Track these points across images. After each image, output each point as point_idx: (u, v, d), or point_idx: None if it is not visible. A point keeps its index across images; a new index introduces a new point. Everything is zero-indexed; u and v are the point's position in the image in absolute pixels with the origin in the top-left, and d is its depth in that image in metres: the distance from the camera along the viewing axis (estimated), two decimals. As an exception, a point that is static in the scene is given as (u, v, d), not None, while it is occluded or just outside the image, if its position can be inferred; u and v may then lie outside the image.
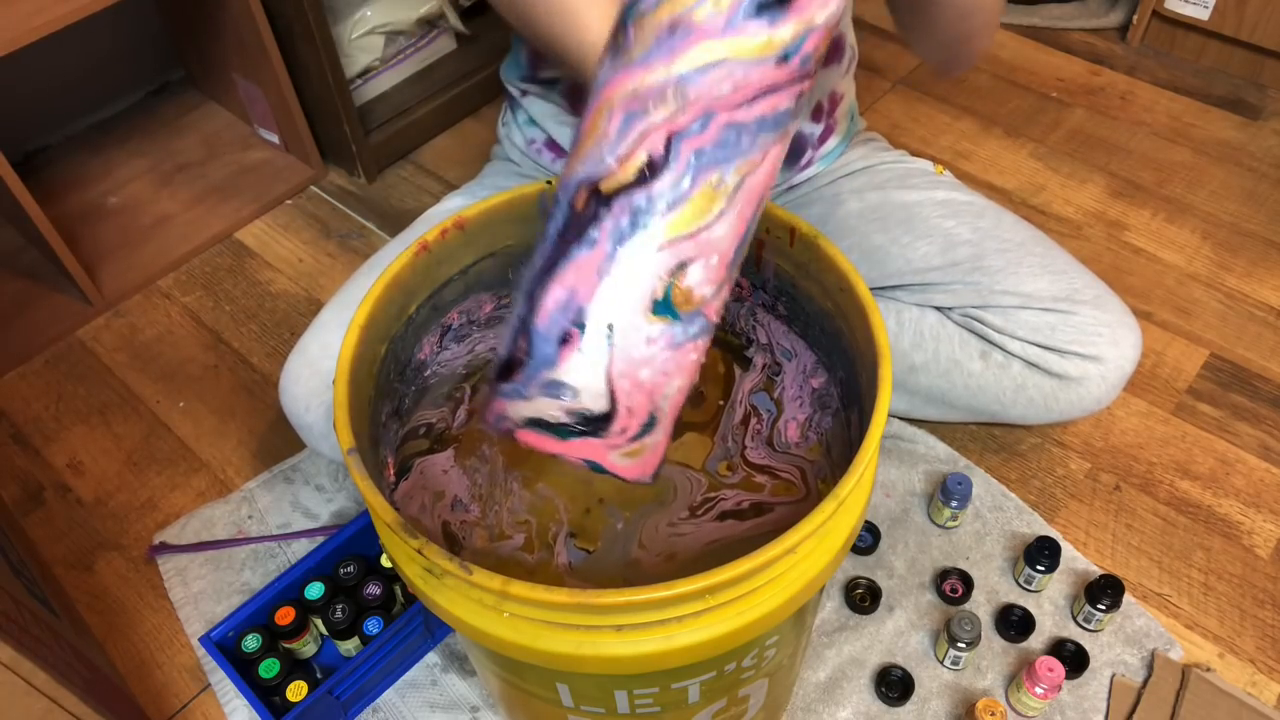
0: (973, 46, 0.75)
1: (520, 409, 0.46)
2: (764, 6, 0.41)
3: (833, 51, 0.89)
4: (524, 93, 0.93)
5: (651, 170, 0.43)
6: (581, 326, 0.44)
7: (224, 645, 0.82)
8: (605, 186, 0.44)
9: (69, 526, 0.99)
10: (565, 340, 0.45)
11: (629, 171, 0.43)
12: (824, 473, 0.61)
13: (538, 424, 0.46)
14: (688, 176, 0.43)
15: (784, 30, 0.42)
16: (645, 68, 0.43)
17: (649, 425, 0.47)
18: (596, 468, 0.47)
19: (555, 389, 0.45)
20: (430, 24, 1.41)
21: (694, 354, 0.47)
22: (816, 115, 0.93)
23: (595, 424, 0.46)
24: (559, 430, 0.46)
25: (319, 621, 0.84)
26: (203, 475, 1.02)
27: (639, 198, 0.43)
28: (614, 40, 0.44)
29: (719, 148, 0.43)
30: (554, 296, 0.45)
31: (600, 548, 0.58)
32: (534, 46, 0.83)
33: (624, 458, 0.47)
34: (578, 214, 0.44)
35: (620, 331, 0.44)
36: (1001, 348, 0.87)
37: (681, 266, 0.44)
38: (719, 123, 0.42)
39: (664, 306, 0.45)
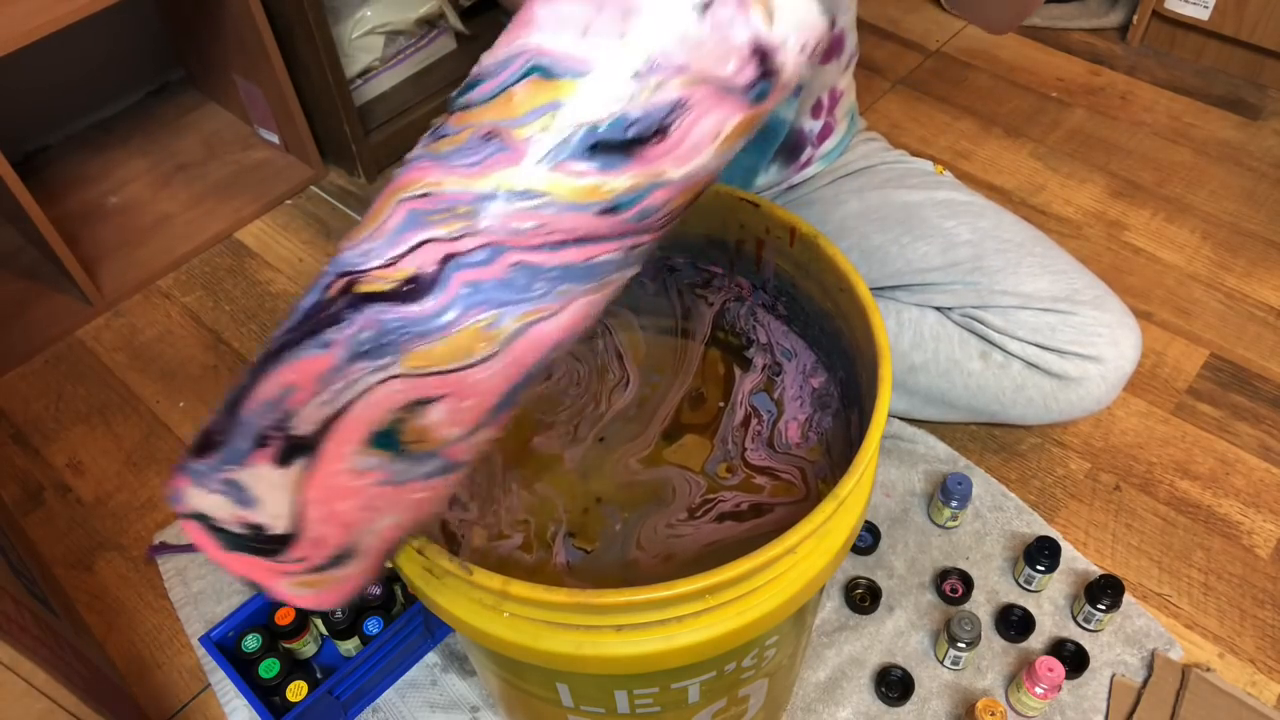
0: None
1: (196, 497, 0.39)
2: (599, 148, 0.35)
3: (832, 48, 0.89)
4: None
5: (415, 288, 0.37)
6: (283, 433, 0.38)
7: (224, 645, 0.82)
8: (360, 288, 0.38)
9: (69, 526, 0.99)
10: (263, 442, 0.38)
11: (390, 280, 0.37)
12: (824, 473, 0.61)
13: (207, 521, 0.39)
14: (454, 309, 0.37)
15: (619, 180, 0.36)
16: (447, 169, 0.37)
17: (340, 559, 0.40)
18: (257, 588, 0.41)
19: (235, 491, 0.38)
20: (430, 24, 1.41)
21: (421, 493, 0.41)
22: (816, 111, 0.93)
23: (270, 544, 0.39)
24: (226, 537, 0.39)
25: (319, 621, 0.84)
26: (203, 475, 1.02)
27: (391, 315, 0.37)
28: (439, 120, 0.39)
29: (502, 287, 0.37)
30: (269, 387, 0.38)
31: (599, 548, 0.58)
32: None
33: (297, 586, 0.40)
34: (324, 305, 0.38)
35: (325, 455, 0.38)
36: (1001, 348, 0.87)
37: (421, 403, 0.38)
38: (509, 260, 0.36)
39: (387, 440, 0.38)
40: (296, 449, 0.38)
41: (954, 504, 0.89)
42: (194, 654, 0.88)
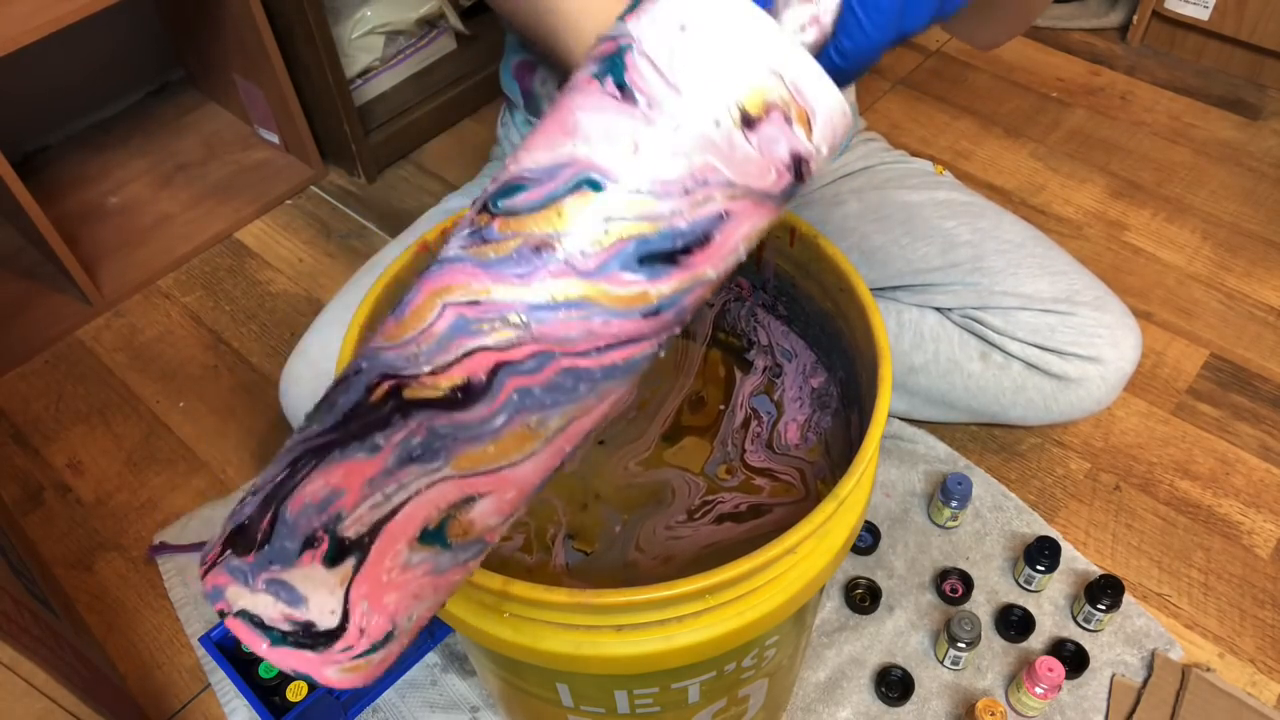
0: (1036, 12, 0.71)
1: (239, 595, 0.39)
2: (649, 259, 0.37)
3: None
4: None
5: (466, 396, 0.37)
6: (332, 535, 0.38)
7: (224, 645, 0.82)
8: (409, 393, 0.38)
9: (69, 526, 0.99)
10: (310, 542, 0.38)
11: (440, 387, 0.37)
12: (824, 473, 0.61)
13: (252, 619, 0.39)
14: (504, 414, 0.38)
15: (664, 286, 0.37)
16: (495, 278, 0.37)
17: (381, 644, 0.41)
18: (306, 678, 0.41)
19: (283, 591, 0.38)
20: (430, 24, 1.41)
21: (459, 575, 0.41)
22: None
23: (317, 639, 0.39)
24: (272, 634, 0.39)
25: (319, 621, 0.84)
26: (203, 475, 1.02)
27: (441, 421, 0.37)
28: (477, 218, 0.39)
29: (550, 391, 0.38)
30: (315, 487, 0.38)
31: (598, 549, 0.58)
32: (524, 40, 0.83)
33: (341, 672, 0.41)
34: (370, 406, 0.38)
35: (375, 555, 0.38)
36: (1001, 349, 0.87)
37: (469, 501, 0.39)
38: (558, 366, 0.37)
39: (435, 536, 0.39)
40: (346, 550, 0.38)
41: (954, 504, 0.89)
42: (194, 654, 0.88)
